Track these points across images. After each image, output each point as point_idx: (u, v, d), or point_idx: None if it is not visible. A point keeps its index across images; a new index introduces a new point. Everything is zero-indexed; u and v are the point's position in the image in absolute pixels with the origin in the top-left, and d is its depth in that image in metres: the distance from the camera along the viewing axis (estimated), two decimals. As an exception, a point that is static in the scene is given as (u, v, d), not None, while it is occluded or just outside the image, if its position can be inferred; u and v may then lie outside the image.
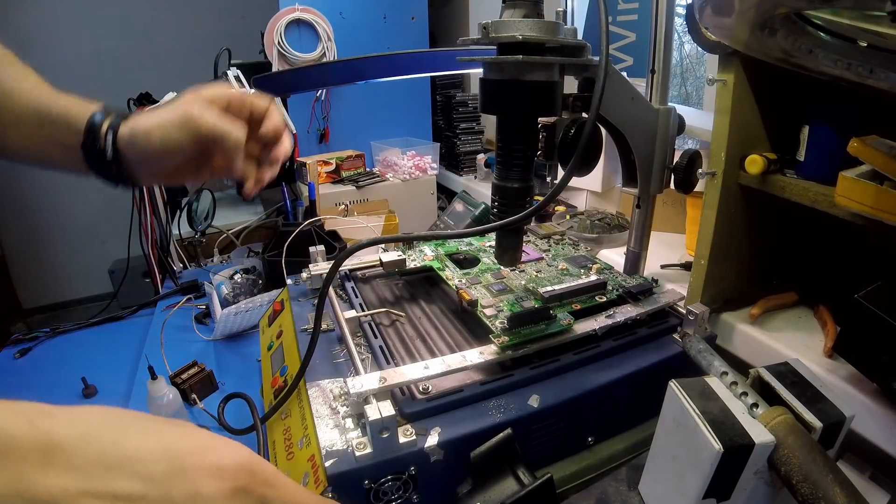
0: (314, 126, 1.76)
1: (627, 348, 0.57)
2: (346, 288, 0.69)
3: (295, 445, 0.47)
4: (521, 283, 0.64)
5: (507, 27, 0.43)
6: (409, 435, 0.44)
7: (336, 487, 0.41)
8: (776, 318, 0.72)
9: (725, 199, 0.66)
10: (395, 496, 0.44)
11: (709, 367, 0.48)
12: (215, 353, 0.84)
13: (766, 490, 0.41)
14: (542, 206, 0.46)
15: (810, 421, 0.40)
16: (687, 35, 0.76)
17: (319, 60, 1.63)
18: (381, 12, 1.76)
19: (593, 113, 0.42)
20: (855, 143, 0.51)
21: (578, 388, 0.51)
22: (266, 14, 1.60)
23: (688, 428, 0.41)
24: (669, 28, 0.62)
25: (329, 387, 0.51)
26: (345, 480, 0.42)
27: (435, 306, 0.66)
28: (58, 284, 2.87)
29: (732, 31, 0.53)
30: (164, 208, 1.26)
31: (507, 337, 0.51)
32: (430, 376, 0.47)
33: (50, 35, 2.45)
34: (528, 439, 0.49)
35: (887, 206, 0.50)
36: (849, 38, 0.46)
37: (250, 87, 1.13)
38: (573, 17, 1.37)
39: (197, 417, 0.69)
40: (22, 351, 0.88)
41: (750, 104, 0.64)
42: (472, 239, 0.78)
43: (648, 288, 0.62)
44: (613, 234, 1.08)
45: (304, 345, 0.58)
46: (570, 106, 0.54)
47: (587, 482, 0.52)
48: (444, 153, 1.87)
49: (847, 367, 0.58)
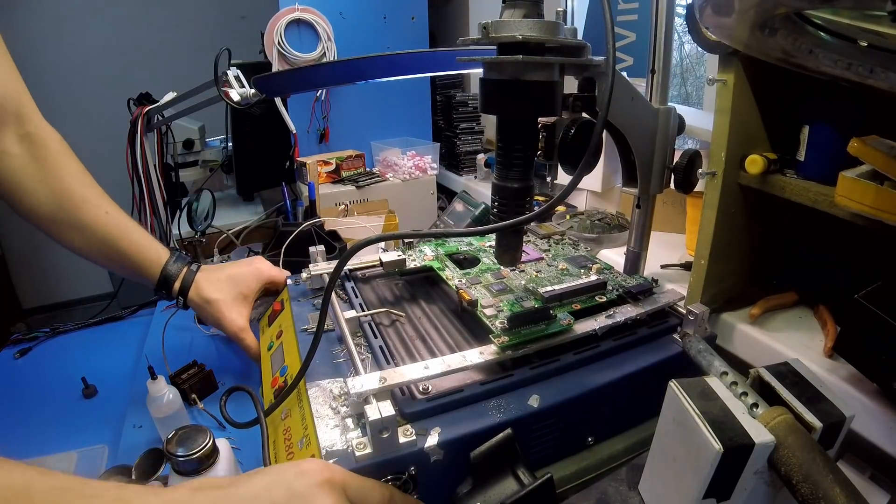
0: (314, 126, 1.76)
1: (627, 348, 0.56)
2: (345, 288, 0.69)
3: (295, 445, 0.47)
4: (521, 283, 0.64)
5: (507, 27, 0.43)
6: (409, 435, 0.44)
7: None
8: (776, 318, 0.72)
9: (725, 199, 0.66)
10: (395, 496, 0.44)
11: (709, 367, 0.48)
12: (216, 353, 0.84)
13: (766, 490, 0.41)
14: (551, 207, 0.46)
15: (810, 421, 0.40)
16: (687, 35, 0.76)
17: (319, 60, 1.63)
18: (381, 12, 1.76)
19: (602, 116, 0.42)
20: (855, 143, 0.51)
21: (578, 388, 0.51)
22: (266, 14, 1.60)
23: (688, 428, 0.41)
24: (669, 28, 0.62)
25: (329, 387, 0.51)
26: (345, 480, 0.42)
27: (435, 306, 0.66)
28: (58, 284, 2.87)
29: (732, 30, 0.53)
30: (164, 208, 1.26)
31: (508, 337, 0.51)
32: (430, 376, 0.47)
33: (51, 35, 2.45)
34: (528, 439, 0.49)
35: (887, 206, 0.50)
36: (849, 37, 0.46)
37: (250, 87, 1.13)
38: (573, 17, 1.37)
39: (197, 417, 0.69)
40: (22, 351, 0.88)
41: (750, 104, 0.64)
42: (472, 239, 0.78)
43: (648, 288, 0.62)
44: (613, 234, 1.08)
45: (303, 345, 0.58)
46: (570, 106, 0.54)
47: (587, 482, 0.52)
48: (444, 153, 1.87)
49: (847, 367, 0.58)
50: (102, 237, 0.66)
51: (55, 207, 0.64)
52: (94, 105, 2.47)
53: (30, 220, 0.64)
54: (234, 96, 1.12)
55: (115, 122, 1.71)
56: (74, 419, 0.72)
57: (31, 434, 0.69)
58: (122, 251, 0.67)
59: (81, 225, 0.65)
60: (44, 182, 0.63)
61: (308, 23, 1.61)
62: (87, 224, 0.65)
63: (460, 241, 0.77)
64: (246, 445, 0.61)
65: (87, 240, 0.65)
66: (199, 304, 0.69)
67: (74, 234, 0.65)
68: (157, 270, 0.68)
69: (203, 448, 0.45)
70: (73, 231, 0.65)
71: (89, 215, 0.65)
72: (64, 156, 0.66)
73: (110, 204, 0.68)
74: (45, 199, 0.63)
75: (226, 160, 1.70)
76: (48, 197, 0.63)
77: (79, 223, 0.65)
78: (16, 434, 0.70)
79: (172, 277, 0.68)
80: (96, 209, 0.65)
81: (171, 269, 0.69)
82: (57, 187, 0.64)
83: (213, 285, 0.70)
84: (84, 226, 0.65)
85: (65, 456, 0.62)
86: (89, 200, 0.65)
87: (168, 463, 0.46)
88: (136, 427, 0.67)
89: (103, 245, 0.66)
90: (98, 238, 0.66)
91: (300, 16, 1.59)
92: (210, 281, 0.70)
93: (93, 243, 0.66)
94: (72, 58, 2.50)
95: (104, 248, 0.66)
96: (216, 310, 0.69)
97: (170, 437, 0.46)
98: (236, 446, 0.55)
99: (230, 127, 1.59)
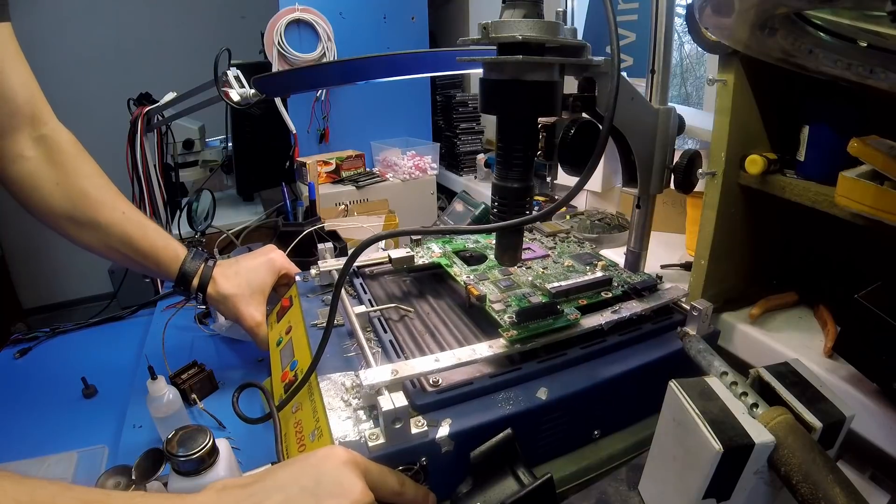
0: (314, 126, 1.76)
1: (633, 343, 0.57)
2: (354, 284, 0.69)
3: (307, 437, 0.48)
4: (527, 279, 0.65)
5: (507, 27, 0.43)
6: (420, 426, 0.45)
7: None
8: (776, 318, 0.72)
9: (725, 199, 0.66)
10: (406, 486, 0.45)
11: (709, 367, 0.48)
12: (216, 353, 0.84)
13: (766, 490, 0.41)
14: (556, 208, 0.46)
15: (810, 421, 0.40)
16: (687, 35, 0.77)
17: (319, 61, 1.63)
18: (381, 12, 1.76)
19: (608, 118, 0.42)
20: (855, 143, 0.51)
21: (585, 382, 0.52)
22: (266, 14, 1.60)
23: (688, 428, 0.41)
24: (669, 28, 0.62)
25: (340, 380, 0.52)
26: (358, 471, 0.42)
27: (443, 302, 0.67)
28: (58, 284, 2.88)
29: (732, 31, 0.53)
30: (164, 208, 1.26)
31: (516, 331, 0.52)
32: (441, 369, 0.48)
33: (51, 35, 2.45)
34: (536, 432, 0.50)
35: (887, 206, 0.49)
36: (849, 38, 0.46)
37: (250, 87, 1.13)
38: (573, 17, 1.37)
39: (197, 417, 0.69)
40: (22, 351, 0.88)
41: (750, 104, 0.64)
42: (478, 236, 0.79)
43: (653, 284, 0.63)
44: (613, 234, 1.08)
45: (313, 340, 0.59)
46: (569, 106, 0.54)
47: (587, 482, 0.52)
48: (444, 153, 1.87)
49: (847, 367, 0.58)
50: (119, 237, 0.66)
51: (71, 208, 0.64)
52: (94, 105, 2.47)
53: (46, 221, 0.65)
54: (234, 96, 1.12)
55: (115, 122, 1.71)
56: (74, 419, 0.72)
57: (30, 434, 0.69)
58: (139, 251, 0.68)
59: (98, 225, 0.65)
60: (59, 184, 0.64)
61: (308, 23, 1.61)
62: (104, 225, 0.66)
63: (466, 239, 0.78)
64: (246, 445, 0.61)
65: (104, 240, 0.66)
66: (217, 301, 0.71)
67: (91, 234, 0.66)
68: (175, 269, 0.69)
69: (203, 448, 0.45)
70: (89, 232, 0.66)
71: (105, 216, 0.66)
72: (79, 157, 0.67)
73: (126, 204, 0.69)
74: (60, 201, 0.64)
75: (226, 160, 1.70)
76: (64, 198, 0.64)
77: (95, 224, 0.65)
78: (16, 434, 0.70)
79: (190, 275, 0.70)
80: (112, 210, 0.66)
81: (189, 267, 0.70)
82: (72, 189, 0.64)
83: (229, 281, 0.71)
84: (100, 226, 0.65)
85: (65, 456, 0.62)
86: (105, 201, 0.66)
87: (168, 463, 0.46)
88: (136, 427, 0.67)
89: (121, 245, 0.67)
90: (115, 238, 0.66)
91: (300, 16, 1.58)
92: (226, 277, 0.71)
93: (110, 244, 0.67)
94: (72, 58, 2.50)
95: (122, 247, 0.67)
96: (233, 305, 0.70)
97: (170, 437, 0.46)
98: (236, 446, 0.55)
99: (230, 127, 1.59)
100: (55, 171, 0.64)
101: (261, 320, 0.71)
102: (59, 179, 0.64)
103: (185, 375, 0.72)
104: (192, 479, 0.45)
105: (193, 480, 0.45)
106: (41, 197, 0.63)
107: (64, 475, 0.59)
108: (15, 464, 0.61)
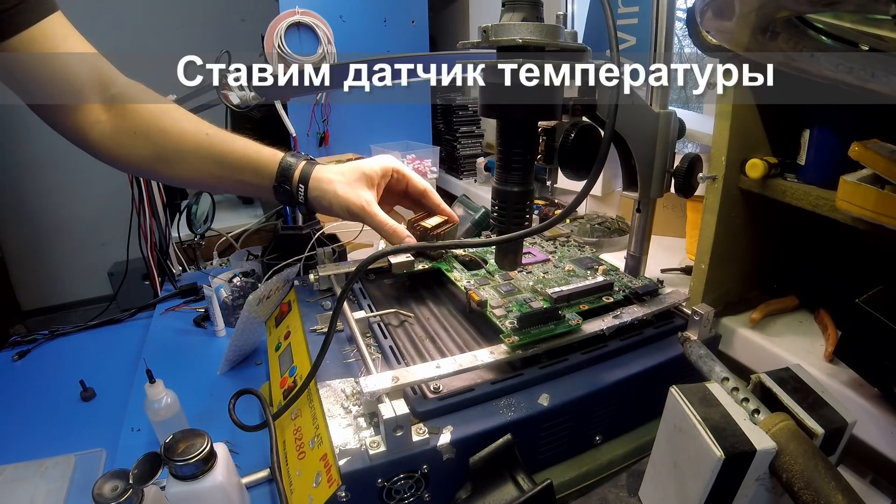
0: (314, 129, 1.76)
1: (634, 348, 0.57)
2: (354, 289, 0.69)
3: (306, 445, 0.48)
4: (528, 284, 0.64)
5: (507, 31, 0.43)
6: (421, 433, 0.44)
7: (349, 486, 0.41)
8: (777, 322, 0.72)
9: (726, 204, 0.66)
10: (407, 494, 0.44)
11: (710, 373, 0.48)
12: (215, 356, 0.84)
13: (767, 497, 0.41)
14: (560, 219, 0.46)
15: (812, 427, 0.40)
16: (687, 39, 0.76)
17: (319, 64, 1.63)
18: (381, 16, 1.76)
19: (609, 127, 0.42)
20: (856, 147, 0.51)
21: (587, 387, 0.51)
22: (266, 17, 1.61)
23: (688, 434, 0.41)
24: (670, 32, 0.62)
25: (340, 386, 0.51)
26: (358, 479, 0.42)
27: (443, 307, 0.66)
28: (57, 286, 2.87)
29: (733, 34, 0.53)
30: (163, 211, 1.26)
31: (518, 336, 0.52)
32: (442, 375, 0.48)
33: (51, 37, 2.45)
34: (538, 438, 0.49)
35: (888, 210, 0.49)
36: (850, 41, 0.46)
37: (250, 90, 1.12)
38: (573, 20, 1.37)
39: (194, 422, 0.68)
40: (20, 353, 0.87)
41: (751, 108, 0.64)
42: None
43: (654, 289, 0.63)
44: (613, 238, 1.08)
45: (313, 345, 0.58)
46: (569, 110, 0.53)
47: (587, 488, 0.52)
48: (443, 157, 1.87)
49: (848, 372, 0.58)
50: (210, 158, 0.65)
51: (156, 149, 0.64)
52: (94, 107, 2.47)
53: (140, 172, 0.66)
54: (234, 99, 1.12)
55: (115, 125, 1.71)
56: (72, 422, 0.72)
57: (29, 437, 0.69)
58: (234, 165, 0.65)
59: (185, 155, 0.64)
60: (137, 134, 0.63)
61: (308, 26, 1.61)
62: (191, 152, 0.64)
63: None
64: (244, 449, 0.61)
65: (195, 167, 0.65)
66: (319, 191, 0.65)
67: (182, 167, 0.65)
68: (275, 168, 0.65)
69: (201, 452, 0.45)
70: (180, 164, 0.65)
71: (190, 144, 0.64)
72: (150, 100, 0.66)
73: (208, 126, 0.67)
74: (143, 147, 0.63)
75: (226, 163, 1.70)
76: (146, 143, 0.63)
77: (182, 154, 0.64)
78: (13, 436, 0.69)
79: (291, 168, 0.65)
80: (195, 134, 0.65)
81: (289, 160, 0.66)
82: (151, 130, 0.64)
83: (332, 169, 0.66)
84: (188, 155, 0.64)
85: (62, 459, 0.62)
86: (186, 129, 0.65)
87: (166, 467, 0.46)
88: (134, 430, 0.66)
89: (214, 166, 0.65)
90: (207, 161, 0.65)
91: (300, 19, 1.59)
92: (329, 169, 0.67)
93: (202, 168, 0.65)
94: (72, 60, 2.50)
95: (215, 168, 0.65)
96: (333, 193, 0.64)
97: (168, 440, 0.46)
98: (234, 450, 0.54)
99: (230, 130, 1.58)
100: (130, 122, 0.63)
101: (371, 199, 0.65)
102: (137, 128, 0.63)
103: (184, 379, 0.71)
104: (190, 483, 0.45)
105: (191, 485, 0.45)
106: (126, 152, 0.63)
107: (61, 479, 0.59)
108: (12, 466, 0.60)
